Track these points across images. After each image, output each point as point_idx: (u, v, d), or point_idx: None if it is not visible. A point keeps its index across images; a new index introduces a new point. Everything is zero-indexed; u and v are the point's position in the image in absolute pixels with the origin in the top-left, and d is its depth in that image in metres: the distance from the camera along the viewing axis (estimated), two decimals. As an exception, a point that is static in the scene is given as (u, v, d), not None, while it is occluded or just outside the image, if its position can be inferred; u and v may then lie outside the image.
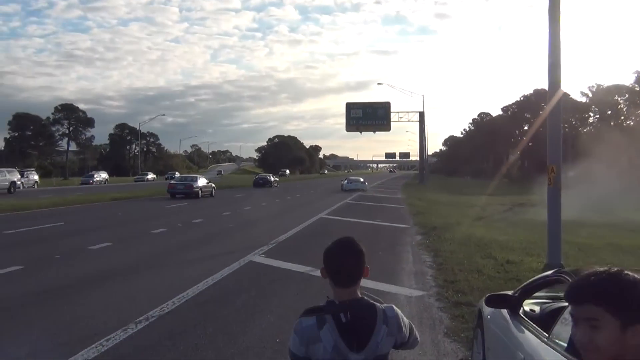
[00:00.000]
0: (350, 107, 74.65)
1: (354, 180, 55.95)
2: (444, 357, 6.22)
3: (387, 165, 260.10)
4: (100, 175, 73.91)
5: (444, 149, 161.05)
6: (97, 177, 72.16)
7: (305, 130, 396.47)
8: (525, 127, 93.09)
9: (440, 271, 11.31)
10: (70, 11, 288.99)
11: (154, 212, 26.73)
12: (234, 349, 6.39)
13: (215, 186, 43.25)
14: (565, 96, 50.15)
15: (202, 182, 40.77)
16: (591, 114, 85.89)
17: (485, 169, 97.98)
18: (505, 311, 4.44)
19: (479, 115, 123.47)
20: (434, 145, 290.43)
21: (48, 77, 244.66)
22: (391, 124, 75.06)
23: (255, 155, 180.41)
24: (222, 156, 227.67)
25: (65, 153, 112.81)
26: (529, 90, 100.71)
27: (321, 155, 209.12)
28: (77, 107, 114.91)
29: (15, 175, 45.21)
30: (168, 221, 21.22)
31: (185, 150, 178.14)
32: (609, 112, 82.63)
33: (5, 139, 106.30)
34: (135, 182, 79.21)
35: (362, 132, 76.84)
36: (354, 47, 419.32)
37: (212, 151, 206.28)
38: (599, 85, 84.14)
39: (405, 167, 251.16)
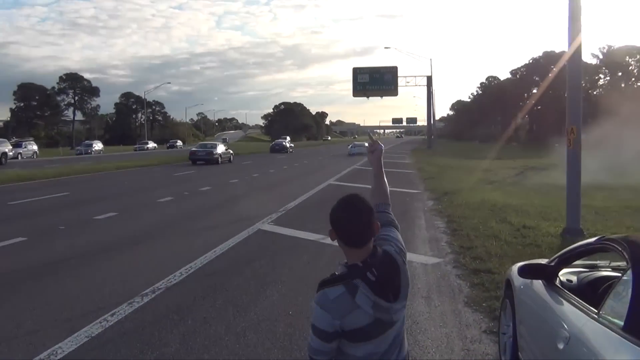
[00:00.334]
0: (357, 72, 73.48)
1: (359, 145, 59.85)
2: (467, 328, 5.88)
3: (394, 130, 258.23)
4: (97, 145, 71.51)
5: (452, 113, 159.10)
6: (95, 147, 70.03)
7: (312, 97, 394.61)
8: (534, 91, 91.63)
9: (455, 237, 10.95)
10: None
11: (161, 181, 26.40)
12: (245, 322, 6.07)
13: (233, 153, 45.68)
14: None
15: (221, 149, 43.09)
16: (601, 76, 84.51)
17: (494, 133, 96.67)
18: (539, 281, 4.05)
19: (487, 79, 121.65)
20: (442, 110, 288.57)
21: (52, 46, 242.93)
22: (398, 88, 74.11)
23: (261, 122, 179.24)
24: (229, 124, 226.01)
25: (71, 123, 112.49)
26: (539, 53, 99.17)
27: (328, 122, 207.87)
28: (82, 77, 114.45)
29: (5, 146, 45.04)
30: (175, 189, 20.91)
31: (192, 119, 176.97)
32: (620, 73, 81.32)
33: (11, 109, 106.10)
34: (135, 151, 75.36)
35: (369, 98, 75.89)
36: (359, 11, 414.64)
37: (218, 119, 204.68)
38: (609, 47, 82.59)
39: (413, 132, 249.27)
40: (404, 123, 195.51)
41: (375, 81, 72.67)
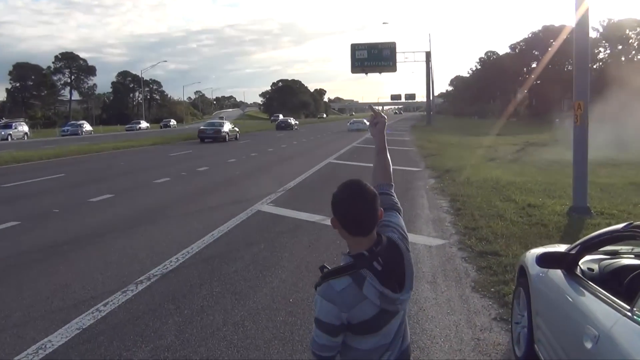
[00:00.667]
0: (355, 48, 72.82)
1: (357, 121, 62.21)
2: (475, 316, 5.61)
3: (393, 107, 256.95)
4: (86, 126, 67.35)
5: (451, 89, 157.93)
6: (86, 127, 65.96)
7: (310, 74, 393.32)
8: (533, 65, 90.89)
9: (459, 217, 10.66)
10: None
11: (158, 161, 26.04)
12: (244, 310, 5.81)
13: (239, 130, 48.13)
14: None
15: (228, 127, 45.59)
16: (601, 50, 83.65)
17: (493, 108, 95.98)
18: (558, 270, 3.76)
19: (486, 54, 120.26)
20: (441, 85, 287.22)
21: (47, 25, 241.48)
22: (397, 64, 73.47)
23: (259, 100, 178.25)
24: (227, 102, 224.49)
25: (68, 103, 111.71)
26: (538, 27, 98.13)
27: (326, 99, 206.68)
28: (78, 56, 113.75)
29: None
30: (172, 170, 20.60)
31: (189, 97, 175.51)
32: (620, 46, 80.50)
33: (7, 89, 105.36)
34: (126, 131, 71.39)
35: (368, 74, 75.41)
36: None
37: (216, 97, 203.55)
38: (609, 20, 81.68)
39: (411, 108, 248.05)
40: (403, 99, 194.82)
41: (373, 57, 72.20)
